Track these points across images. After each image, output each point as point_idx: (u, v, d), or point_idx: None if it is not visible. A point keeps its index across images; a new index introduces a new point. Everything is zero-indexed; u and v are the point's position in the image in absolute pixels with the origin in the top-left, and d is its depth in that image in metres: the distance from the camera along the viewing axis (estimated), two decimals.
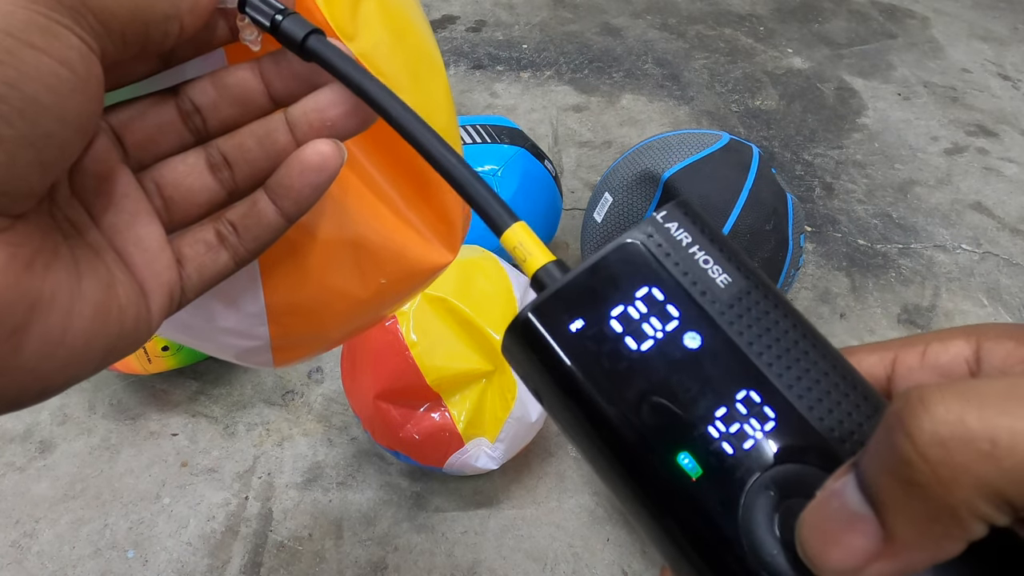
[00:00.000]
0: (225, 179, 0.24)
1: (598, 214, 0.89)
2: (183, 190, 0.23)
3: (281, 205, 0.23)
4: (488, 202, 0.21)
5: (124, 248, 0.21)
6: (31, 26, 0.16)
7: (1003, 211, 1.23)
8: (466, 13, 1.70)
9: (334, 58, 0.21)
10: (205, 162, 0.23)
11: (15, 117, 0.16)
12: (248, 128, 0.24)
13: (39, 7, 0.16)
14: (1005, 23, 1.80)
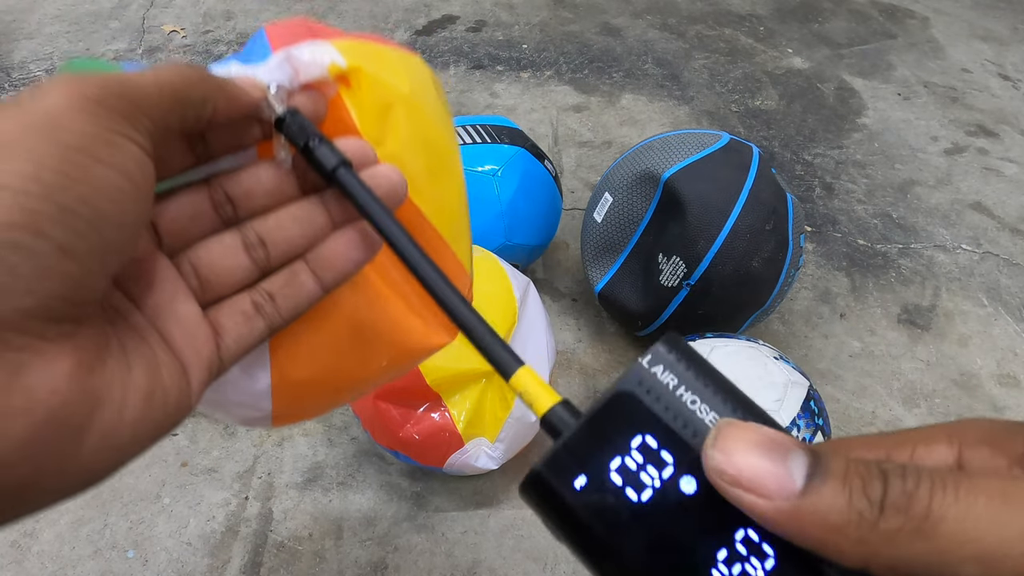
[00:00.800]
0: (259, 258, 0.24)
1: (598, 214, 0.89)
2: (218, 270, 0.24)
3: (322, 276, 0.25)
4: (494, 348, 0.22)
5: (164, 327, 0.22)
6: (98, 141, 0.18)
7: (1003, 211, 1.23)
8: (466, 13, 1.70)
9: (358, 193, 0.23)
10: (240, 243, 0.24)
11: (87, 230, 0.17)
12: (287, 210, 0.25)
13: (103, 121, 0.18)
14: (1005, 23, 1.80)
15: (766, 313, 0.86)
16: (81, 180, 0.17)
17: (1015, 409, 0.91)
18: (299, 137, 0.23)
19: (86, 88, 0.18)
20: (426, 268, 0.23)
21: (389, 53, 0.30)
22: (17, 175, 0.16)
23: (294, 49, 0.25)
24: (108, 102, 0.18)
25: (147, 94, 0.19)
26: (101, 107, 0.18)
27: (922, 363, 0.96)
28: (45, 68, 1.45)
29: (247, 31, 1.59)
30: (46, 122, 0.17)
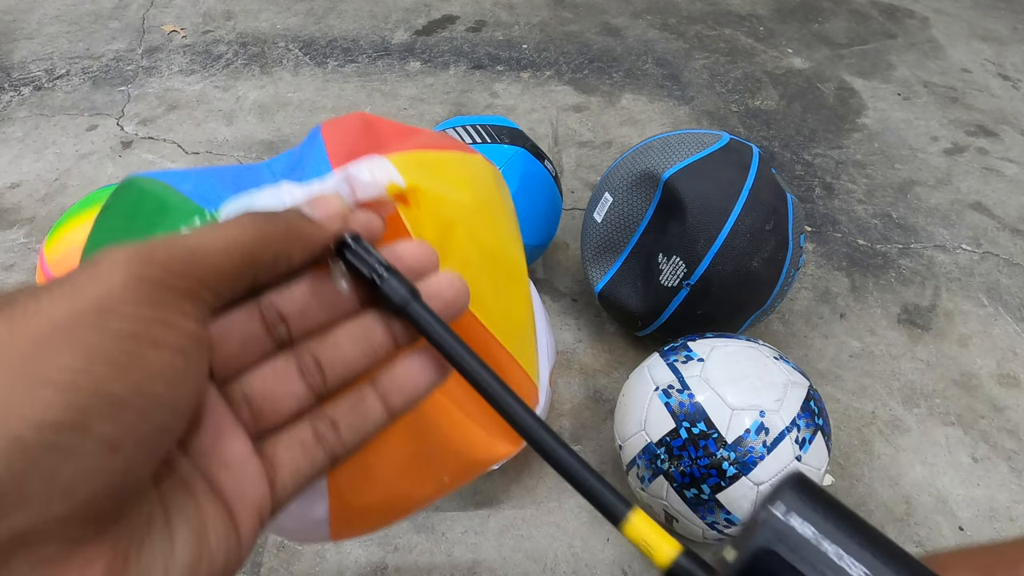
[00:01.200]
0: (315, 382, 0.22)
1: (598, 214, 0.89)
2: (272, 398, 0.21)
3: (391, 402, 0.22)
4: (600, 491, 0.20)
5: (212, 472, 0.20)
6: (154, 324, 0.16)
7: (1003, 211, 1.23)
8: (466, 13, 1.70)
9: (430, 326, 0.22)
10: (295, 367, 0.22)
11: (138, 421, 0.16)
12: (344, 329, 0.22)
13: (162, 304, 0.16)
14: (1005, 23, 1.80)
15: (766, 313, 0.86)
16: (134, 367, 0.16)
17: (1015, 409, 0.91)
18: (364, 267, 0.22)
19: (146, 269, 0.16)
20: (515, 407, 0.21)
21: (450, 160, 0.29)
22: (65, 369, 0.15)
23: (353, 168, 0.25)
24: (170, 282, 0.17)
25: (214, 265, 0.18)
26: (161, 289, 0.16)
27: (922, 363, 0.96)
28: (45, 68, 1.45)
29: (247, 31, 1.59)
30: (100, 308, 0.15)
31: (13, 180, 1.18)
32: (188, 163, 1.23)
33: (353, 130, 0.30)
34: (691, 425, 0.63)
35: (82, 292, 0.16)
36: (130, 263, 0.16)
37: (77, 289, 0.16)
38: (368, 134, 0.30)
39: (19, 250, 1.06)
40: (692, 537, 0.69)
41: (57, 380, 0.15)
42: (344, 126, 0.31)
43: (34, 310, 0.15)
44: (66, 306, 0.15)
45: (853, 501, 0.80)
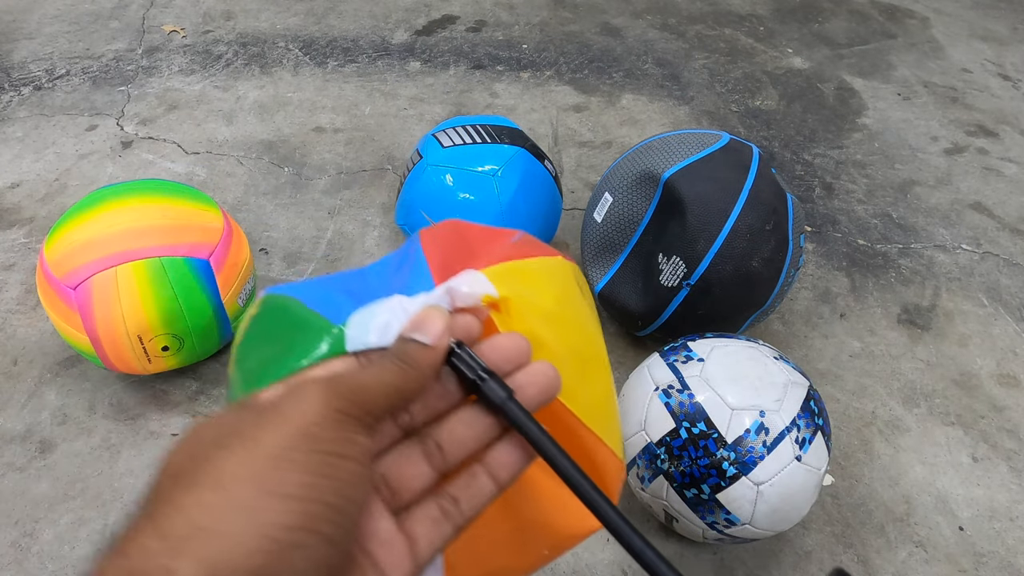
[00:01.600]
0: (438, 463, 0.27)
1: (598, 214, 0.89)
2: (406, 479, 0.26)
3: (498, 477, 0.27)
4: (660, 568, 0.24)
5: (372, 549, 0.24)
6: (344, 443, 0.21)
7: (1003, 211, 1.23)
8: (466, 13, 1.70)
9: (525, 426, 0.26)
10: (421, 451, 0.27)
11: (341, 518, 0.20)
12: (457, 417, 0.27)
13: (346, 427, 0.21)
14: (1005, 23, 1.80)
15: (766, 313, 0.86)
16: (336, 478, 0.20)
17: (1015, 409, 0.91)
18: (468, 371, 0.26)
19: (334, 401, 0.22)
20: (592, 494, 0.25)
21: (533, 267, 0.34)
22: (295, 484, 0.20)
23: (454, 283, 0.29)
24: (349, 411, 0.22)
25: (375, 400, 0.23)
26: (345, 416, 0.22)
27: (922, 363, 0.96)
28: (45, 68, 1.45)
29: (247, 31, 1.59)
30: (307, 434, 0.20)
31: (13, 180, 1.18)
32: (188, 163, 1.23)
33: (448, 240, 0.35)
34: (691, 425, 0.63)
35: (291, 421, 0.21)
36: (322, 396, 0.22)
37: (287, 419, 0.21)
38: (461, 242, 0.35)
39: (19, 250, 1.06)
40: (692, 537, 0.69)
41: (291, 493, 0.19)
42: (440, 236, 0.36)
43: (260, 439, 0.20)
44: (283, 433, 0.20)
45: (853, 501, 0.80)
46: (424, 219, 0.92)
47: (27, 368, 0.90)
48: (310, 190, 1.18)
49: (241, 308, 0.85)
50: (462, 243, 0.35)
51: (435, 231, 0.36)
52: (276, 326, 0.33)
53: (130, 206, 0.78)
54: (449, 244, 0.35)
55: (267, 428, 0.21)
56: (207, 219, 0.81)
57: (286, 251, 1.07)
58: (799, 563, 0.75)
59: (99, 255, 0.74)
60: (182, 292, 0.76)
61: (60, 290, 0.74)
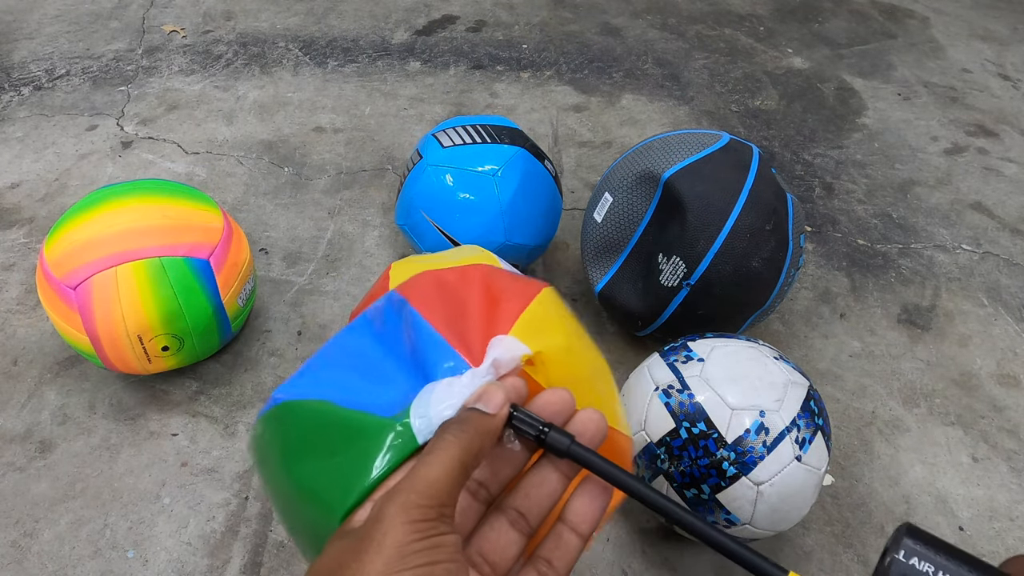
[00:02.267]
0: (523, 528, 0.29)
1: (598, 214, 0.89)
2: (501, 550, 0.29)
3: (580, 531, 0.29)
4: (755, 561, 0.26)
5: None
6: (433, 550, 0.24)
7: (1003, 211, 1.23)
8: (466, 13, 1.70)
9: (591, 461, 0.28)
10: (507, 522, 0.29)
11: None
12: (528, 480, 0.30)
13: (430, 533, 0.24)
14: (1005, 23, 1.80)
15: (766, 313, 0.86)
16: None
17: (1015, 409, 0.91)
18: (530, 429, 0.29)
19: (413, 513, 0.24)
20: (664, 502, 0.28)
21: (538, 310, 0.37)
22: None
23: (496, 355, 0.32)
24: (428, 515, 0.24)
25: (446, 488, 0.25)
26: (426, 523, 0.24)
27: (922, 363, 0.96)
28: (45, 68, 1.45)
29: (247, 31, 1.59)
30: (400, 555, 0.23)
31: (13, 180, 1.18)
32: (188, 163, 1.23)
33: (434, 296, 0.37)
34: (691, 425, 0.63)
35: (384, 549, 0.23)
36: (401, 516, 0.24)
37: (380, 547, 0.23)
38: (445, 295, 0.37)
39: (19, 250, 1.06)
40: (692, 537, 0.69)
41: None
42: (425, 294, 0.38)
43: (362, 570, 0.23)
44: (382, 561, 0.23)
45: (853, 501, 0.80)
46: (424, 219, 0.92)
47: (27, 368, 0.90)
48: (310, 190, 1.18)
49: (241, 308, 0.85)
50: (446, 295, 0.38)
51: (415, 289, 0.38)
52: (317, 434, 0.34)
53: (130, 206, 0.78)
54: (438, 300, 0.37)
55: (366, 560, 0.23)
56: (207, 219, 0.81)
57: (286, 251, 1.07)
58: (799, 563, 0.75)
59: (99, 255, 0.74)
60: (182, 292, 0.76)
61: (60, 290, 0.74)
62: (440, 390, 0.31)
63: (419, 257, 0.74)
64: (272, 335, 0.95)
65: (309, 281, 1.03)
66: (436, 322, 0.36)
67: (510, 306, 0.37)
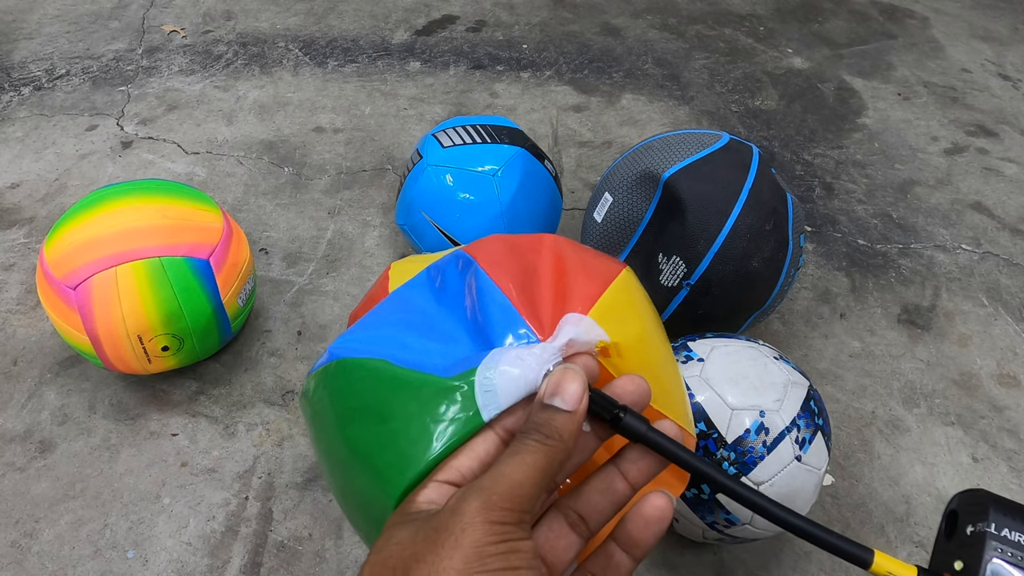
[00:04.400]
0: (582, 531, 0.29)
1: (598, 214, 0.89)
2: (559, 552, 0.28)
3: (632, 554, 0.28)
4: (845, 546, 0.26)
5: None
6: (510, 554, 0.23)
7: (1003, 211, 1.23)
8: (466, 13, 1.70)
9: (665, 444, 0.27)
10: (566, 523, 0.28)
11: None
12: (591, 484, 0.29)
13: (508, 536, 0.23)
14: (1005, 23, 1.80)
15: (766, 313, 0.86)
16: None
17: (1015, 409, 0.91)
18: (606, 411, 0.28)
19: (493, 514, 0.23)
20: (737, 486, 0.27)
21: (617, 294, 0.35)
22: None
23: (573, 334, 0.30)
24: (507, 519, 0.23)
25: (529, 493, 0.24)
26: (506, 526, 0.23)
27: (922, 363, 0.96)
28: (45, 68, 1.45)
29: (247, 31, 1.59)
30: (479, 554, 0.23)
31: (13, 180, 1.18)
32: (188, 163, 1.23)
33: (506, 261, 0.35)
34: None
35: (461, 546, 0.23)
36: (482, 514, 0.23)
37: (457, 543, 0.23)
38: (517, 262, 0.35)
39: (19, 250, 1.06)
40: (692, 537, 0.69)
41: None
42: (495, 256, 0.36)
43: (440, 566, 0.22)
44: (459, 558, 0.22)
45: (853, 501, 0.80)
46: (424, 219, 0.92)
47: (27, 368, 0.90)
48: (310, 190, 1.18)
49: (241, 308, 0.85)
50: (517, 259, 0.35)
51: (483, 250, 0.36)
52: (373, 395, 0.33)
53: (130, 206, 0.78)
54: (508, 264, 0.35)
55: (443, 555, 0.23)
56: (207, 219, 0.81)
57: (286, 251, 1.07)
58: (799, 563, 0.75)
59: (99, 255, 0.74)
60: (182, 292, 0.76)
61: (60, 290, 0.74)
62: (508, 360, 0.29)
63: (419, 257, 0.74)
64: (272, 335, 0.95)
65: (309, 281, 1.03)
66: (504, 286, 0.33)
67: (588, 285, 0.35)
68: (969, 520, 0.26)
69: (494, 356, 0.30)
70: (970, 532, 0.25)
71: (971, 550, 0.25)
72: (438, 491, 0.26)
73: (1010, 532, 0.25)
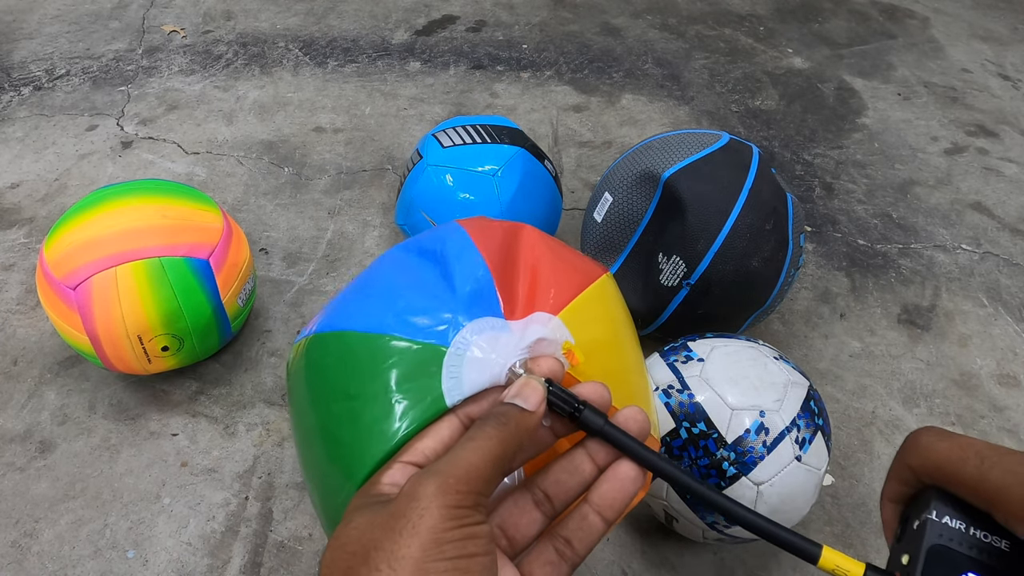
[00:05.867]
0: (547, 510, 0.29)
1: (598, 214, 0.89)
2: (521, 528, 0.29)
3: (606, 516, 0.29)
4: (793, 540, 0.27)
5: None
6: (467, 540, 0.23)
7: (1003, 211, 1.23)
8: (466, 13, 1.70)
9: (621, 439, 0.28)
10: (531, 500, 0.29)
11: None
12: (559, 464, 0.30)
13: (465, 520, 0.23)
14: (1005, 23, 1.80)
15: (766, 313, 0.86)
16: (472, 572, 0.23)
17: (1015, 409, 0.91)
18: (565, 406, 0.28)
19: (450, 498, 0.23)
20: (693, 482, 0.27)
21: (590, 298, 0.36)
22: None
23: (543, 335, 0.32)
24: (464, 503, 0.24)
25: (485, 475, 0.25)
26: (462, 508, 0.24)
27: (922, 363, 0.96)
28: (45, 68, 1.45)
29: (247, 31, 1.59)
30: (436, 540, 0.23)
31: (13, 180, 1.18)
32: (188, 163, 1.23)
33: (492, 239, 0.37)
34: (691, 425, 0.63)
35: (419, 532, 0.23)
36: (439, 499, 0.23)
37: (415, 529, 0.23)
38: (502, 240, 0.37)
39: (19, 250, 1.06)
40: (692, 537, 0.69)
41: None
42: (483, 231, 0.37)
43: (397, 553, 0.23)
44: (416, 545, 0.23)
45: (853, 501, 0.80)
46: (424, 219, 0.92)
47: (27, 368, 0.90)
48: (310, 190, 1.18)
49: (241, 308, 0.85)
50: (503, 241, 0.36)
51: (474, 225, 0.38)
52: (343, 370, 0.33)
53: (130, 206, 0.78)
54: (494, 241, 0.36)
55: (400, 543, 0.23)
56: (207, 219, 0.81)
57: (286, 251, 1.07)
58: (799, 563, 0.75)
59: (99, 255, 0.74)
60: (182, 292, 0.76)
61: (60, 290, 0.74)
62: (477, 348, 0.30)
63: None
64: (272, 335, 0.95)
65: (309, 281, 1.03)
66: (488, 259, 0.35)
67: (563, 286, 0.36)
68: (915, 515, 0.27)
69: (463, 338, 0.31)
70: (916, 526, 0.26)
71: (916, 542, 0.26)
72: (402, 472, 0.27)
73: (951, 520, 0.26)
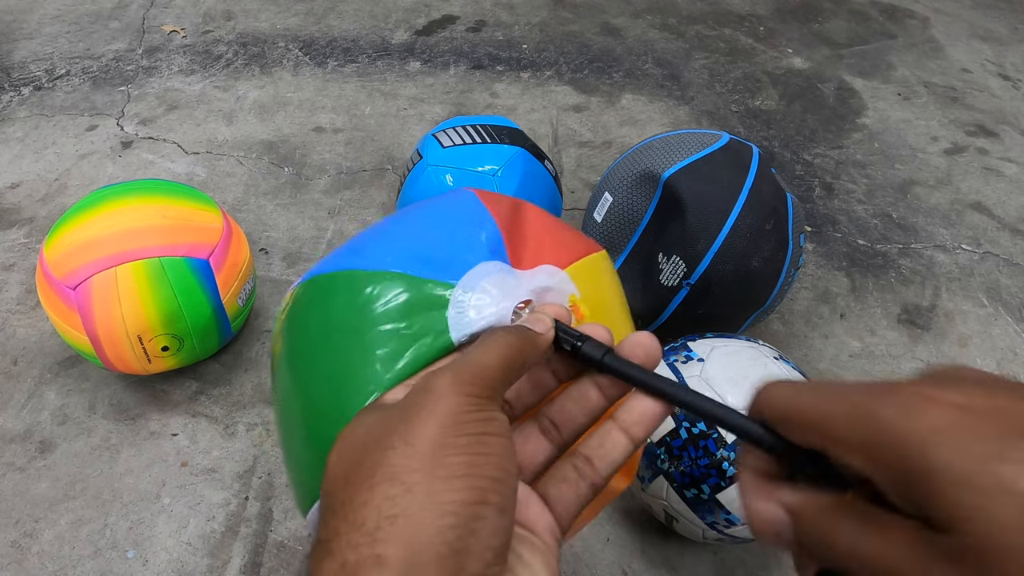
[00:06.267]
0: (554, 438, 0.29)
1: (598, 214, 0.89)
2: (528, 455, 0.29)
3: (632, 433, 0.28)
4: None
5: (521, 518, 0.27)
6: (487, 422, 0.23)
7: (1003, 211, 1.22)
8: (466, 13, 1.70)
9: (624, 368, 0.28)
10: (538, 429, 0.29)
11: (504, 488, 0.22)
12: (567, 395, 0.29)
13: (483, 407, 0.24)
14: (1005, 23, 1.80)
15: (766, 313, 0.86)
16: (491, 453, 0.23)
17: None
18: (566, 342, 0.29)
19: (465, 388, 0.24)
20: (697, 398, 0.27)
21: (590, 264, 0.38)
22: (460, 466, 0.22)
23: (550, 284, 0.33)
24: (480, 393, 0.24)
25: (496, 376, 0.25)
26: (478, 399, 0.24)
27: (922, 363, 0.96)
28: (45, 68, 1.45)
29: (247, 31, 1.59)
30: (455, 422, 0.23)
31: (13, 180, 1.18)
32: (188, 163, 1.23)
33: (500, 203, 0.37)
34: (691, 425, 0.63)
35: (437, 415, 0.23)
36: (454, 386, 0.24)
37: (432, 413, 0.23)
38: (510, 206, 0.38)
39: (19, 250, 1.06)
40: (692, 537, 0.69)
41: (458, 474, 0.22)
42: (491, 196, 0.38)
43: (416, 433, 0.22)
44: (435, 426, 0.22)
45: None
46: None
47: (27, 368, 0.90)
48: (310, 190, 1.18)
49: (241, 308, 0.85)
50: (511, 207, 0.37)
51: (481, 190, 0.38)
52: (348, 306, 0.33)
53: (130, 206, 0.78)
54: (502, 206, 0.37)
55: (418, 424, 0.23)
56: (207, 219, 0.81)
57: (286, 251, 1.07)
58: None
59: (99, 255, 0.74)
60: (182, 292, 0.76)
61: (60, 290, 0.74)
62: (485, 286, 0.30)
63: None
64: (272, 335, 0.95)
65: None
66: (496, 217, 0.35)
67: (567, 249, 0.37)
68: None
69: (472, 276, 0.31)
70: None
71: None
72: (405, 391, 0.27)
73: None
